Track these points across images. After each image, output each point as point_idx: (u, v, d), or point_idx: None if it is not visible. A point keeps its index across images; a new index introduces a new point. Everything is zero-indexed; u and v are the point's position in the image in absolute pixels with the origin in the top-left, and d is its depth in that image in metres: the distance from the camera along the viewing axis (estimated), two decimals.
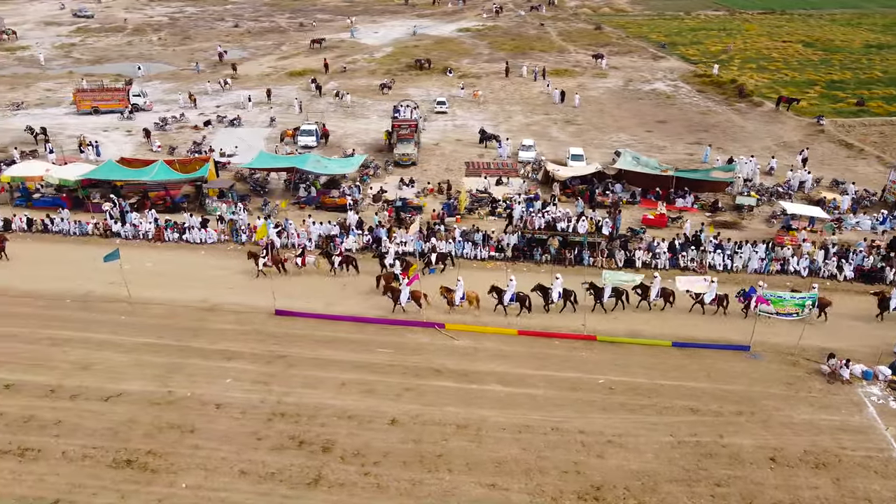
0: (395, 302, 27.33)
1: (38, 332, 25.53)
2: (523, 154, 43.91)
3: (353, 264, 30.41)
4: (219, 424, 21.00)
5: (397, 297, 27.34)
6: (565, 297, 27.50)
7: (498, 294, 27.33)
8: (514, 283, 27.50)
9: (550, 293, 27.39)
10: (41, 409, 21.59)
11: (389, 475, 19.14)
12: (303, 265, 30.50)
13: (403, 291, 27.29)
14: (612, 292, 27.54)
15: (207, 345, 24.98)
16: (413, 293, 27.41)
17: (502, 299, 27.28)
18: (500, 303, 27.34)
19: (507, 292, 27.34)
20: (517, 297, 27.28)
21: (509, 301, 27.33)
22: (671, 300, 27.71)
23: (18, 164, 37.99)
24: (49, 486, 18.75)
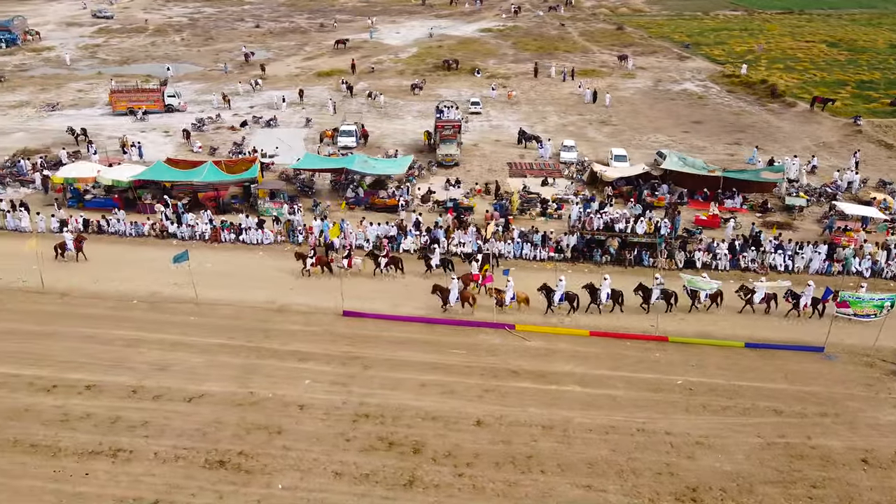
0: (443, 301, 27.47)
1: (112, 333, 25.62)
2: (565, 155, 43.95)
3: (398, 266, 30.51)
4: (305, 426, 21.08)
5: (446, 296, 27.45)
6: (614, 298, 27.62)
7: (547, 294, 27.48)
8: (563, 283, 27.58)
9: (599, 293, 27.56)
10: (126, 409, 21.68)
11: (484, 476, 19.20)
12: (349, 266, 30.58)
13: (452, 291, 27.40)
14: (659, 293, 27.68)
15: (280, 346, 25.06)
16: (462, 293, 27.57)
17: (552, 299, 27.45)
18: (550, 302, 27.46)
19: (557, 292, 27.49)
20: (566, 297, 27.45)
21: (559, 301, 27.53)
22: (719, 301, 27.74)
23: (69, 165, 38.07)
24: (146, 486, 18.84)
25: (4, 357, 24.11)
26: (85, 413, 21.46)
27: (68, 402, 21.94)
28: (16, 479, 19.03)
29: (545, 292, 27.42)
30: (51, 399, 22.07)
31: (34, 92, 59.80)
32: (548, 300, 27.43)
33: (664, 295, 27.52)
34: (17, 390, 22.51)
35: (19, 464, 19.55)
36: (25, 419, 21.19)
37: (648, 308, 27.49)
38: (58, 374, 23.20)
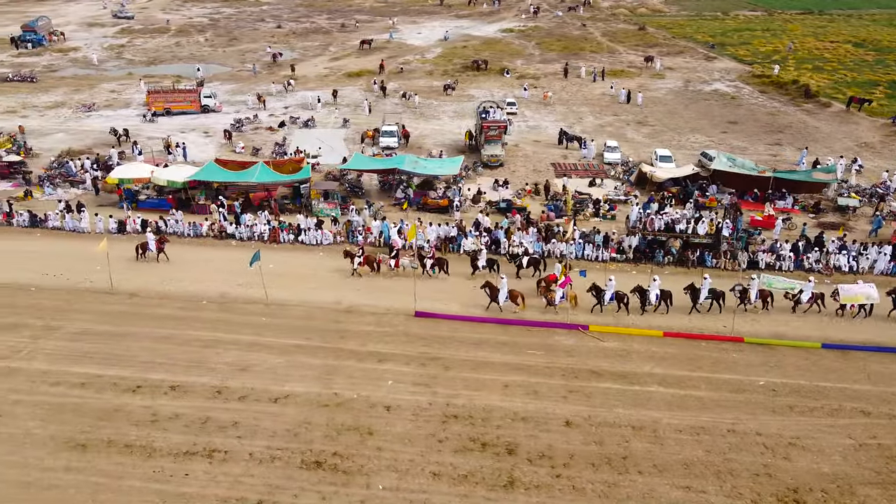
0: (492, 300, 27.54)
1: (187, 334, 25.70)
2: (609, 155, 43.96)
3: (443, 267, 30.47)
4: (395, 427, 21.12)
5: (495, 294, 27.54)
6: (663, 299, 27.67)
7: (597, 293, 27.56)
8: (612, 283, 27.63)
9: (648, 294, 27.58)
10: (214, 410, 21.73)
11: (581, 477, 19.24)
12: (396, 267, 30.64)
13: (502, 290, 27.51)
14: (708, 294, 27.69)
15: (357, 347, 25.10)
16: (511, 292, 27.67)
17: (601, 298, 27.52)
18: (600, 302, 27.55)
19: (607, 292, 27.55)
20: (616, 297, 27.53)
21: (609, 300, 27.60)
22: (769, 302, 27.69)
23: (123, 166, 38.16)
24: (247, 487, 18.88)
25: (85, 357, 24.21)
26: (174, 413, 21.54)
27: (155, 403, 22.03)
28: (117, 479, 19.11)
29: (595, 292, 27.55)
30: (138, 399, 22.16)
31: (67, 93, 59.93)
32: (597, 300, 27.56)
33: (713, 295, 27.60)
34: (102, 391, 22.60)
35: (117, 464, 19.63)
36: (116, 419, 21.27)
37: (697, 308, 27.54)
38: (140, 375, 23.30)
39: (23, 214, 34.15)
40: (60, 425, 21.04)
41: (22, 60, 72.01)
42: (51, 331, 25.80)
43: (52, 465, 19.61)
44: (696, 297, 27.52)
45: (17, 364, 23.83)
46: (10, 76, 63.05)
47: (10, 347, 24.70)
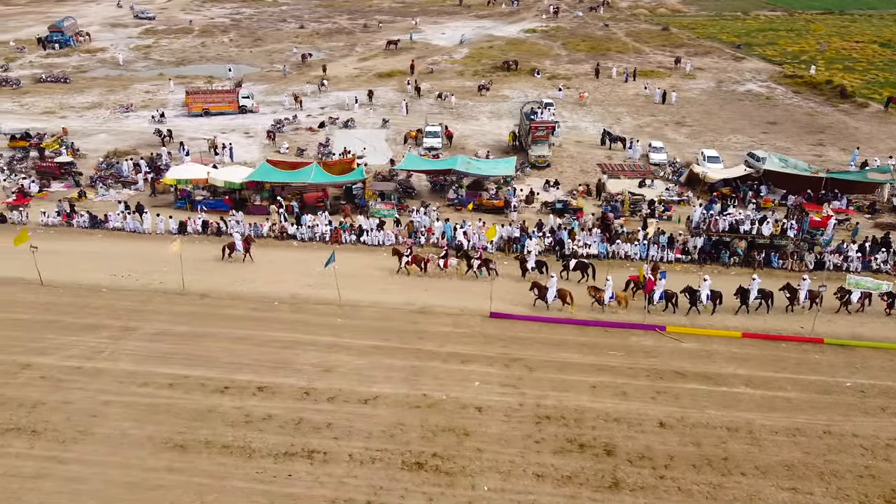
0: (540, 299, 27.67)
1: (265, 335, 25.73)
2: (654, 156, 43.94)
3: (490, 267, 30.40)
4: (490, 428, 21.12)
5: (544, 293, 27.65)
6: (713, 300, 27.63)
7: None
8: (662, 282, 27.70)
9: (699, 294, 27.56)
10: (306, 411, 21.74)
11: (685, 478, 19.24)
12: (445, 267, 30.67)
13: (551, 289, 27.61)
14: (758, 294, 27.72)
15: (436, 347, 25.10)
16: (560, 291, 27.77)
17: (651, 297, 27.53)
18: (649, 301, 27.58)
19: (656, 291, 27.57)
20: (665, 296, 27.58)
21: (657, 299, 27.60)
22: (818, 301, 27.54)
23: (180, 167, 38.20)
24: (352, 488, 18.90)
25: (168, 358, 24.26)
26: (266, 414, 21.56)
27: (246, 404, 22.05)
28: (221, 479, 19.14)
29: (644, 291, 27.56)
30: (228, 400, 22.19)
31: (102, 93, 59.96)
32: (647, 299, 27.60)
33: (762, 295, 27.63)
34: (191, 391, 22.64)
35: (219, 464, 19.67)
36: (210, 420, 21.29)
37: (748, 309, 27.56)
38: (227, 376, 23.32)
39: (83, 215, 34.25)
40: (156, 426, 21.10)
41: (51, 61, 72.12)
42: (129, 331, 25.88)
43: (154, 465, 19.67)
44: (746, 297, 27.54)
45: (102, 365, 23.89)
46: (44, 77, 63.13)
47: (91, 348, 24.78)
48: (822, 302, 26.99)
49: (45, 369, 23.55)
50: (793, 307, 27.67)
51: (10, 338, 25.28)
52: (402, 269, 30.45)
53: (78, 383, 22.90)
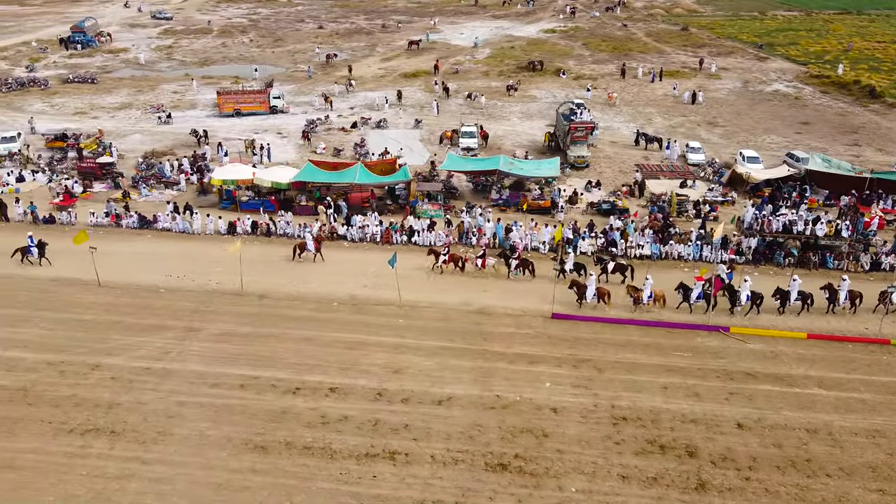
0: (579, 297, 27.78)
1: (329, 336, 25.72)
2: (692, 156, 43.88)
3: (529, 268, 30.39)
4: (568, 429, 21.11)
5: (582, 292, 27.75)
6: (753, 300, 27.60)
7: (684, 292, 27.66)
8: (701, 282, 27.68)
9: (738, 295, 27.50)
10: (381, 412, 21.73)
11: (771, 480, 19.20)
12: (482, 267, 30.65)
13: (590, 288, 27.75)
14: (797, 295, 27.69)
15: (503, 349, 25.07)
16: (599, 290, 27.94)
17: (688, 297, 27.59)
18: (686, 300, 27.66)
19: (694, 290, 27.56)
20: (703, 295, 27.54)
21: (696, 299, 27.60)
22: (859, 302, 27.59)
23: (225, 167, 38.16)
24: (439, 489, 18.88)
25: (235, 359, 24.25)
26: (342, 416, 21.54)
27: (320, 405, 22.03)
28: (306, 481, 19.12)
29: (682, 291, 27.67)
30: (301, 401, 22.17)
31: (130, 94, 59.97)
32: (684, 298, 27.67)
33: (801, 297, 27.59)
34: (263, 392, 22.62)
35: (302, 465, 19.65)
36: (287, 421, 21.28)
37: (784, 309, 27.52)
38: (296, 377, 23.31)
39: (132, 216, 34.26)
40: (233, 427, 21.09)
41: (75, 61, 72.19)
42: (193, 332, 25.87)
43: (237, 466, 19.66)
44: (785, 298, 27.51)
45: (171, 366, 23.89)
46: (71, 77, 63.20)
47: (158, 349, 24.78)
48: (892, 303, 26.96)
49: (114, 370, 23.58)
50: (833, 308, 27.63)
51: (76, 338, 25.30)
52: (436, 266, 30.52)
53: (149, 384, 22.93)
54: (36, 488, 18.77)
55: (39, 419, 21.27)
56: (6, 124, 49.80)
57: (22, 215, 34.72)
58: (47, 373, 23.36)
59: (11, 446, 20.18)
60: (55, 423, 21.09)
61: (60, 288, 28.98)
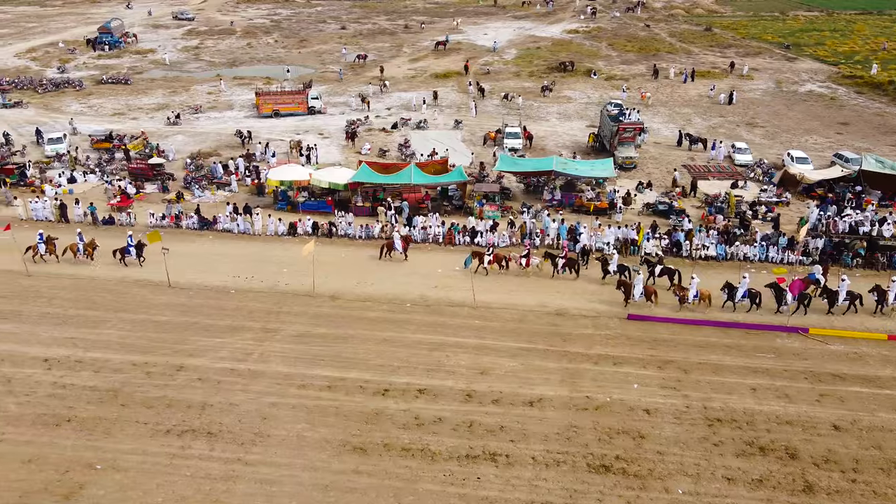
0: (626, 296, 27.92)
1: (408, 337, 25.71)
2: (739, 157, 43.83)
3: (574, 268, 30.45)
4: (664, 430, 21.07)
5: (629, 291, 27.86)
6: (799, 301, 27.52)
7: (730, 291, 27.75)
8: (746, 281, 27.81)
9: (785, 294, 27.43)
10: (474, 413, 21.71)
11: (878, 482, 19.13)
12: (527, 266, 30.63)
13: (637, 286, 27.86)
14: (846, 296, 27.66)
15: (584, 350, 25.04)
16: (646, 289, 28.08)
17: (733, 296, 27.67)
18: (731, 299, 27.74)
19: (739, 289, 27.66)
20: (748, 294, 27.67)
21: (741, 298, 27.67)
22: None
23: (282, 168, 38.11)
24: (546, 491, 18.85)
25: (318, 360, 24.24)
26: (436, 417, 21.52)
27: (412, 406, 22.02)
28: (411, 482, 19.11)
29: (727, 290, 27.78)
30: (392, 403, 22.17)
31: (165, 95, 60.06)
32: (729, 297, 27.76)
33: (850, 297, 27.56)
34: (351, 394, 22.62)
35: (405, 467, 19.64)
36: (381, 423, 21.27)
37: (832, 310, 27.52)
38: (383, 378, 23.30)
39: (192, 217, 34.29)
40: (328, 428, 21.08)
41: (104, 62, 72.28)
42: (271, 333, 25.87)
43: (340, 467, 19.66)
44: (833, 299, 27.46)
45: (256, 367, 23.88)
46: (105, 78, 63.28)
47: (240, 350, 24.78)
48: None
49: (199, 371, 23.59)
50: (882, 309, 27.55)
51: (157, 339, 25.34)
52: (480, 266, 30.47)
53: (237, 385, 22.93)
54: (143, 489, 18.80)
55: (134, 420, 21.33)
56: (47, 125, 49.90)
57: (82, 216, 34.80)
58: (134, 374, 23.41)
59: (112, 447, 20.24)
60: (151, 424, 21.15)
61: (132, 289, 29.03)
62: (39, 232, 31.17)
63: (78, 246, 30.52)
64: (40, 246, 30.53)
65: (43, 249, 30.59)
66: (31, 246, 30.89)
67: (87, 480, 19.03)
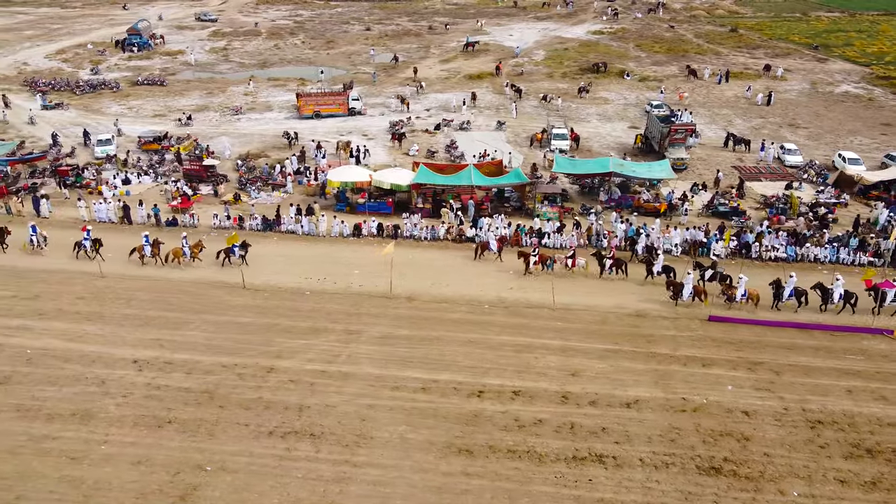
0: (675, 295, 28.02)
1: (492, 339, 25.66)
2: (790, 158, 43.77)
3: (622, 268, 30.47)
4: (766, 432, 21.02)
5: (678, 290, 27.94)
6: (846, 299, 27.63)
7: (776, 289, 27.86)
8: (793, 280, 27.92)
9: (831, 293, 27.60)
10: (573, 415, 21.66)
11: None
12: (573, 266, 30.64)
13: (686, 286, 27.97)
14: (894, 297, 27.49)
15: (670, 351, 25.01)
16: (696, 288, 28.19)
17: (780, 294, 27.75)
18: (778, 298, 27.83)
19: (786, 288, 27.72)
20: (795, 293, 27.77)
21: (787, 297, 27.76)
22: None
23: (341, 169, 38.12)
24: (661, 493, 18.75)
25: (406, 362, 24.20)
26: (536, 419, 21.49)
27: (509, 408, 21.98)
28: (524, 484, 19.06)
29: (774, 288, 27.90)
30: (489, 405, 22.12)
31: (202, 96, 60.16)
32: (776, 296, 27.84)
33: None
34: (447, 395, 22.57)
35: (514, 469, 19.58)
36: (482, 424, 21.21)
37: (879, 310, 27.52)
38: (475, 380, 23.25)
39: (256, 218, 34.29)
40: (429, 430, 21.05)
41: (134, 64, 72.27)
42: (354, 335, 25.86)
43: (448, 469, 19.63)
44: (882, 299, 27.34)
45: (345, 368, 23.86)
46: (140, 80, 63.35)
47: (326, 352, 24.77)
48: None
49: (290, 373, 23.58)
50: None
51: (242, 341, 25.33)
52: (529, 271, 30.49)
53: (331, 387, 22.91)
54: (257, 491, 18.79)
55: (234, 421, 21.31)
56: (91, 126, 49.97)
57: (145, 218, 34.83)
58: (226, 375, 23.41)
59: (218, 448, 20.24)
60: (252, 426, 21.13)
61: (207, 290, 29.03)
62: (145, 234, 31.15)
63: (184, 249, 30.52)
64: (146, 248, 30.50)
65: (149, 252, 30.57)
66: (136, 247, 30.83)
67: (200, 482, 19.04)
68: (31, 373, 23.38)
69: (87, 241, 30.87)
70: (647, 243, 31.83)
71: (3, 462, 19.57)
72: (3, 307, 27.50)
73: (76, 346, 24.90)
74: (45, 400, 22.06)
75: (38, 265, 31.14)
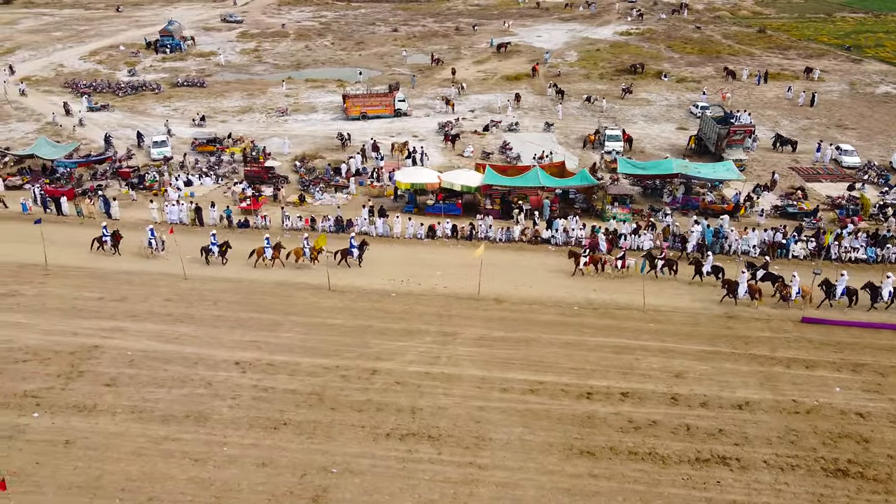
0: (730, 293, 28.16)
1: (590, 340, 25.61)
2: (847, 159, 43.71)
3: (672, 268, 30.49)
4: (885, 434, 20.95)
5: (733, 289, 28.13)
6: None
7: (827, 288, 27.92)
8: (844, 278, 27.99)
9: (880, 291, 27.63)
10: (688, 417, 21.59)
11: None
12: (623, 267, 30.64)
13: (741, 284, 28.10)
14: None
15: (769, 353, 24.95)
16: (750, 286, 28.29)
17: (832, 293, 27.83)
18: (829, 296, 27.93)
19: (837, 287, 27.79)
20: (847, 292, 27.84)
21: (839, 295, 27.84)
22: None
23: (409, 170, 38.13)
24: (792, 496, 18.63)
25: (508, 363, 24.16)
26: (650, 420, 21.46)
27: (621, 410, 21.94)
28: (653, 486, 19.02)
29: (825, 287, 27.99)
30: (601, 406, 22.04)
31: (244, 97, 60.16)
32: (826, 295, 27.95)
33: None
34: (557, 397, 22.54)
35: (640, 471, 19.54)
36: (597, 426, 21.16)
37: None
38: (581, 381, 23.24)
39: (329, 219, 34.27)
40: (546, 432, 21.02)
41: (169, 65, 72.32)
42: (450, 336, 25.82)
43: (574, 471, 19.58)
44: None
45: (449, 370, 23.80)
46: (180, 81, 63.41)
47: (425, 354, 24.73)
48: None
49: (394, 374, 23.56)
50: None
51: (338, 343, 25.32)
52: (580, 270, 30.56)
53: (438, 389, 22.88)
54: (388, 493, 18.76)
55: (349, 423, 21.28)
56: (138, 127, 49.94)
57: (217, 220, 34.82)
58: (330, 377, 23.39)
59: (339, 450, 20.21)
60: (368, 428, 21.11)
61: (294, 292, 28.98)
62: (266, 237, 31.14)
63: (304, 250, 30.56)
64: (267, 251, 30.53)
65: (269, 255, 30.59)
66: (256, 249, 30.87)
67: (328, 484, 19.01)
68: (137, 374, 23.42)
69: (215, 247, 30.92)
70: (698, 241, 31.98)
71: (129, 463, 19.62)
72: (93, 308, 27.55)
73: (174, 348, 24.93)
74: (156, 402, 22.08)
75: (120, 267, 31.13)
